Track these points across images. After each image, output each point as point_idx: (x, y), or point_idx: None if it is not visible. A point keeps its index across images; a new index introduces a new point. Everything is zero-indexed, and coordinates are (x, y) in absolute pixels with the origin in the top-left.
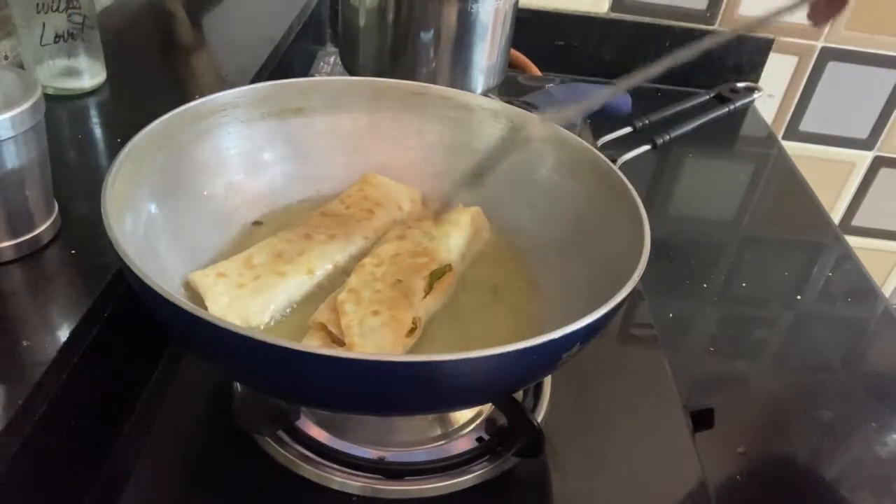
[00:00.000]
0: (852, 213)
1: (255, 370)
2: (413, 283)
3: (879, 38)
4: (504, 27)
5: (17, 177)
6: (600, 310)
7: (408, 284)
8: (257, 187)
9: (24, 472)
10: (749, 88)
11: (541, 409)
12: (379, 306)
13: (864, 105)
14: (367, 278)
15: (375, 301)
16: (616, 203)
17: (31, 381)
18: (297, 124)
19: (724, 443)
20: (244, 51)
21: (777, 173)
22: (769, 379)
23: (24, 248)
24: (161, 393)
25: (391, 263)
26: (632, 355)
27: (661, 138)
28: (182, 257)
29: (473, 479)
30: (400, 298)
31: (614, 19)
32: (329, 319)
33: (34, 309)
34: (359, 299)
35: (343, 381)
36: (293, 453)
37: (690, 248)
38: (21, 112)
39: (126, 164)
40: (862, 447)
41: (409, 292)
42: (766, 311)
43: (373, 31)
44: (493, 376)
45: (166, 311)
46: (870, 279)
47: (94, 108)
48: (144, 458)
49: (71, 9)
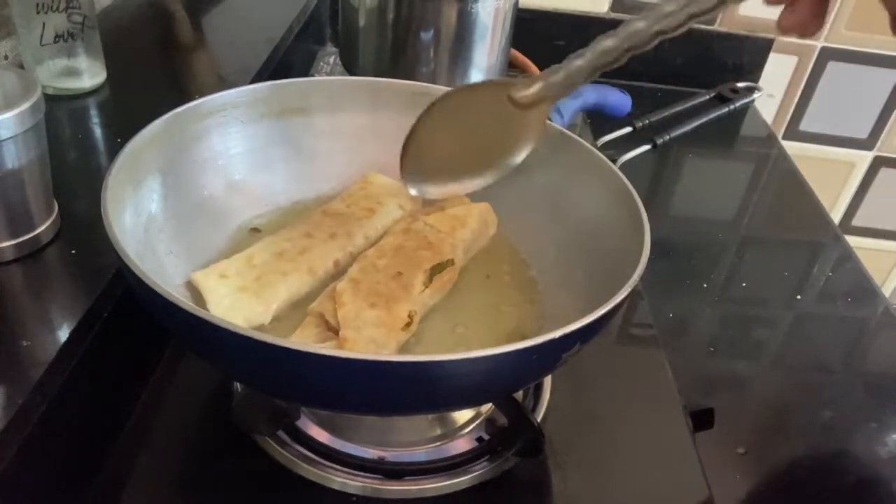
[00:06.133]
0: (852, 213)
1: (255, 370)
2: (413, 275)
3: (879, 38)
4: (504, 27)
5: (17, 177)
6: (600, 310)
7: (408, 277)
8: (257, 187)
9: (24, 472)
10: (749, 88)
11: (541, 409)
12: (376, 298)
13: (864, 105)
14: (368, 269)
15: (373, 293)
16: (616, 203)
17: (31, 381)
18: (297, 124)
19: (724, 443)
20: (244, 51)
21: (777, 173)
22: (769, 379)
23: (24, 248)
24: (161, 393)
25: (394, 255)
26: (632, 355)
27: (661, 138)
28: (182, 257)
29: (473, 479)
30: (398, 290)
31: (614, 19)
32: (327, 309)
33: (34, 309)
34: (357, 290)
35: (343, 381)
36: (293, 453)
37: (690, 248)
38: (21, 112)
39: (126, 163)
40: (862, 447)
41: (409, 285)
42: (766, 311)
43: (373, 31)
44: (493, 376)
45: (166, 311)
46: (870, 279)
47: (94, 108)
48: (144, 458)
49: (71, 9)
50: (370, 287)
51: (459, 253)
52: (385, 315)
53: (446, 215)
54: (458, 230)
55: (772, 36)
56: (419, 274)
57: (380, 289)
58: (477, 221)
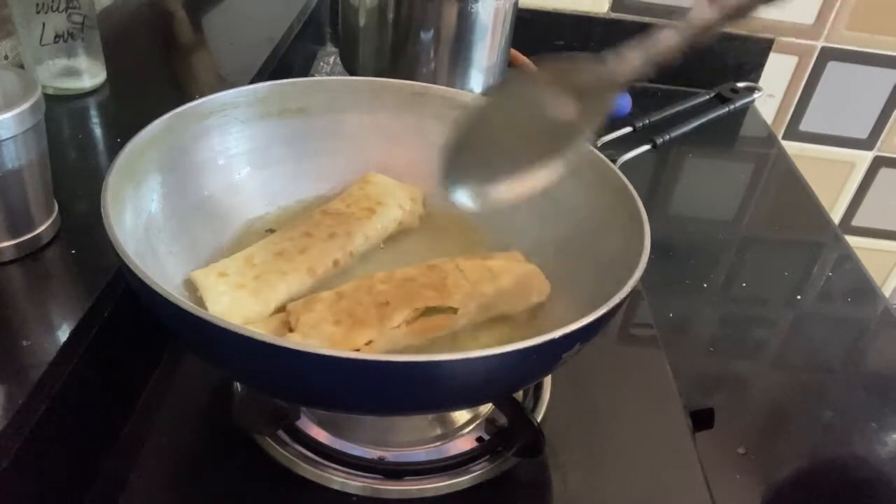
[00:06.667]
0: (852, 213)
1: (255, 370)
2: (399, 309)
3: (879, 38)
4: (504, 27)
5: (17, 177)
6: (600, 310)
7: (392, 308)
8: (257, 187)
9: (25, 472)
10: (749, 88)
11: (541, 409)
12: (346, 317)
13: (864, 105)
14: (361, 288)
15: (347, 311)
16: (616, 203)
17: (31, 381)
18: (297, 124)
19: (724, 443)
20: (244, 51)
21: (777, 173)
22: (769, 379)
23: (24, 248)
24: (161, 393)
25: (398, 285)
26: (632, 355)
27: (661, 138)
28: (182, 257)
29: (473, 479)
30: (372, 317)
31: (614, 19)
32: (296, 311)
33: (34, 309)
34: (336, 303)
35: (343, 381)
36: (293, 453)
37: (690, 248)
38: (21, 112)
39: (126, 163)
40: (862, 447)
41: (387, 316)
42: (766, 311)
43: (373, 31)
44: (493, 376)
45: (166, 310)
46: (870, 279)
47: (94, 108)
48: (144, 458)
49: (71, 9)
50: (349, 305)
51: (471, 307)
52: (341, 334)
53: (482, 265)
54: (482, 284)
55: (772, 36)
56: (406, 310)
57: (356, 310)
58: (512, 282)
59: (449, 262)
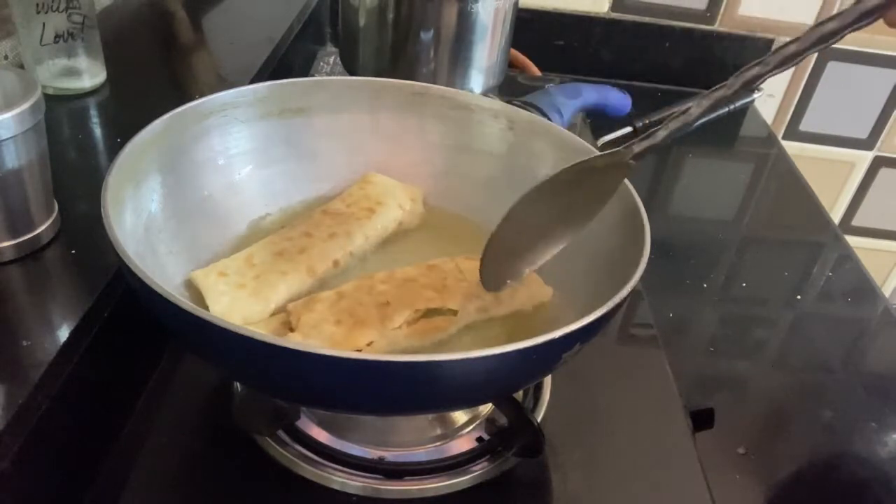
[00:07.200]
0: (852, 213)
1: (255, 370)
2: (400, 310)
3: (879, 38)
4: (504, 27)
5: (17, 177)
6: (600, 310)
7: (393, 309)
8: (257, 187)
9: (25, 472)
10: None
11: (541, 409)
12: (347, 317)
13: (864, 105)
14: (362, 288)
15: (348, 311)
16: (616, 203)
17: (31, 381)
18: (297, 124)
19: (724, 443)
20: (244, 51)
21: (777, 173)
22: (769, 379)
23: (24, 248)
24: (161, 393)
25: (399, 285)
26: (632, 355)
27: None
28: (182, 257)
29: (473, 479)
30: (374, 318)
31: (614, 19)
32: (296, 311)
33: (34, 309)
34: (336, 303)
35: (343, 381)
36: (293, 453)
37: (690, 248)
38: (21, 112)
39: (126, 163)
40: (862, 447)
41: (388, 317)
42: (766, 311)
43: (373, 31)
44: (493, 376)
45: (166, 310)
46: (870, 279)
47: (94, 108)
48: (144, 458)
49: (71, 9)
50: (349, 305)
51: (471, 308)
52: (342, 334)
53: None
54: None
55: (772, 36)
56: (407, 311)
57: (357, 310)
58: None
59: (449, 262)
